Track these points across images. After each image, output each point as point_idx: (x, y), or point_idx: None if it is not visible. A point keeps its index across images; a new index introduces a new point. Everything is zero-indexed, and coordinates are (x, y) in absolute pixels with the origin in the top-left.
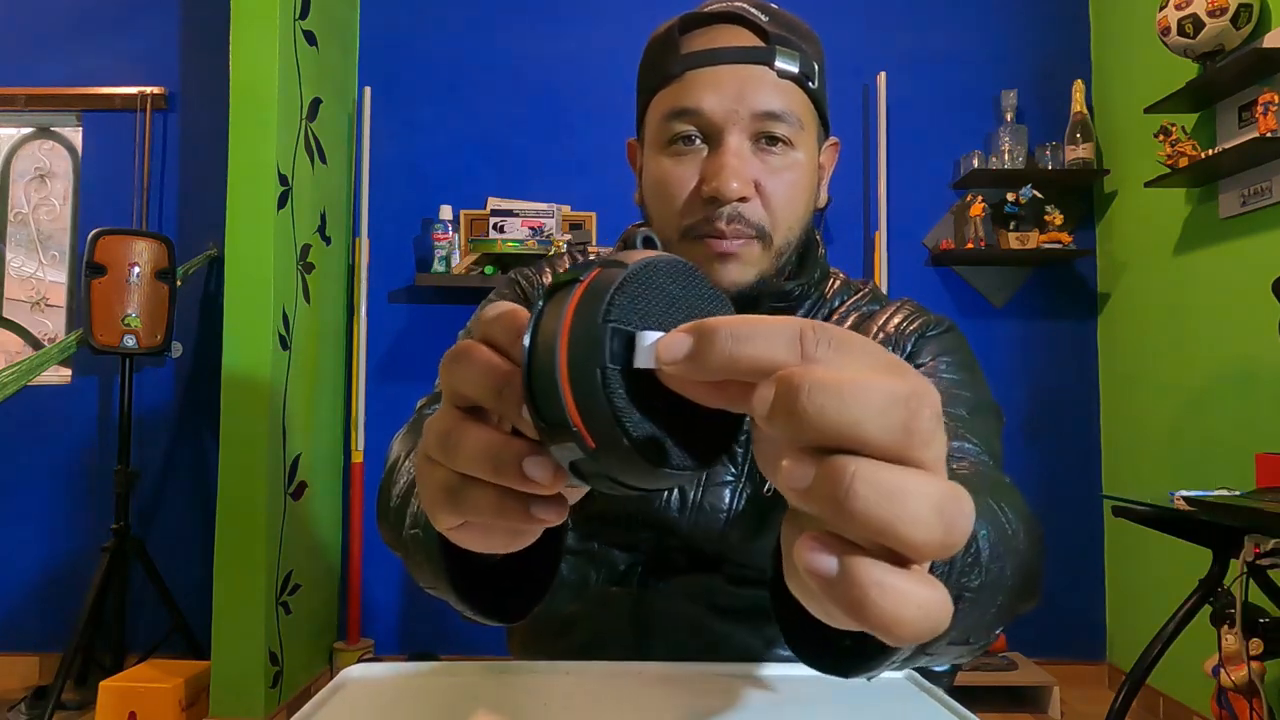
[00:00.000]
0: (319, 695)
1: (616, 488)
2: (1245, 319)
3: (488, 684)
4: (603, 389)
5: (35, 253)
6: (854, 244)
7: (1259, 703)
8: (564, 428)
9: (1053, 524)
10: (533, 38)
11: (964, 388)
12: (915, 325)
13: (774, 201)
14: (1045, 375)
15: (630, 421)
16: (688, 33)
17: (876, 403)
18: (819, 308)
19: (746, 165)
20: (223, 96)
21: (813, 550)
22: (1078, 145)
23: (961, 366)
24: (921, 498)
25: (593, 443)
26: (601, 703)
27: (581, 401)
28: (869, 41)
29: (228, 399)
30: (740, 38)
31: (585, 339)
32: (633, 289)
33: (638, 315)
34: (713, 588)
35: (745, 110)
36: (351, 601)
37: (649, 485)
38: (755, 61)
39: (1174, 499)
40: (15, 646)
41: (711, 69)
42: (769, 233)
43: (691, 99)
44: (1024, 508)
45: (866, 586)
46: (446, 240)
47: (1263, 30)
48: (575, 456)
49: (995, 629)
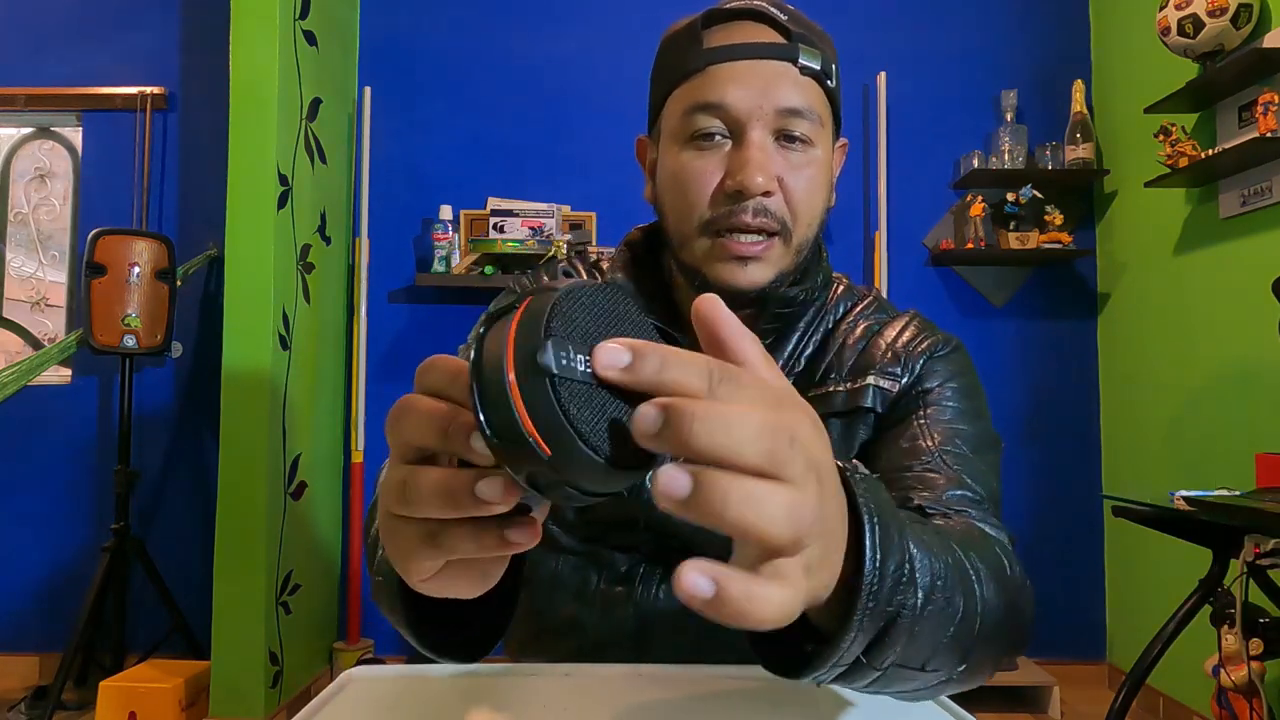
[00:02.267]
0: (322, 694)
1: (574, 496)
2: (1245, 319)
3: (488, 685)
4: (553, 395)
5: (35, 253)
6: (854, 244)
7: (1259, 703)
8: (519, 440)
9: (1053, 524)
10: (533, 38)
11: (969, 420)
12: (924, 345)
13: (795, 197)
14: (1045, 375)
15: (582, 424)
16: (710, 28)
17: (750, 432)
18: (822, 316)
19: (771, 160)
20: (223, 96)
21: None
22: (1078, 145)
23: (967, 394)
24: (776, 504)
25: (548, 449)
26: (602, 705)
27: (534, 410)
28: (869, 41)
29: (228, 399)
30: (763, 34)
31: (530, 353)
32: (567, 307)
33: (575, 330)
34: None
35: (769, 106)
36: (351, 601)
37: (604, 488)
38: (779, 58)
39: (1174, 499)
40: (15, 646)
41: (735, 64)
42: (790, 228)
43: (715, 93)
44: (999, 561)
45: (735, 600)
46: (446, 240)
47: (1263, 30)
48: (533, 468)
49: (963, 665)
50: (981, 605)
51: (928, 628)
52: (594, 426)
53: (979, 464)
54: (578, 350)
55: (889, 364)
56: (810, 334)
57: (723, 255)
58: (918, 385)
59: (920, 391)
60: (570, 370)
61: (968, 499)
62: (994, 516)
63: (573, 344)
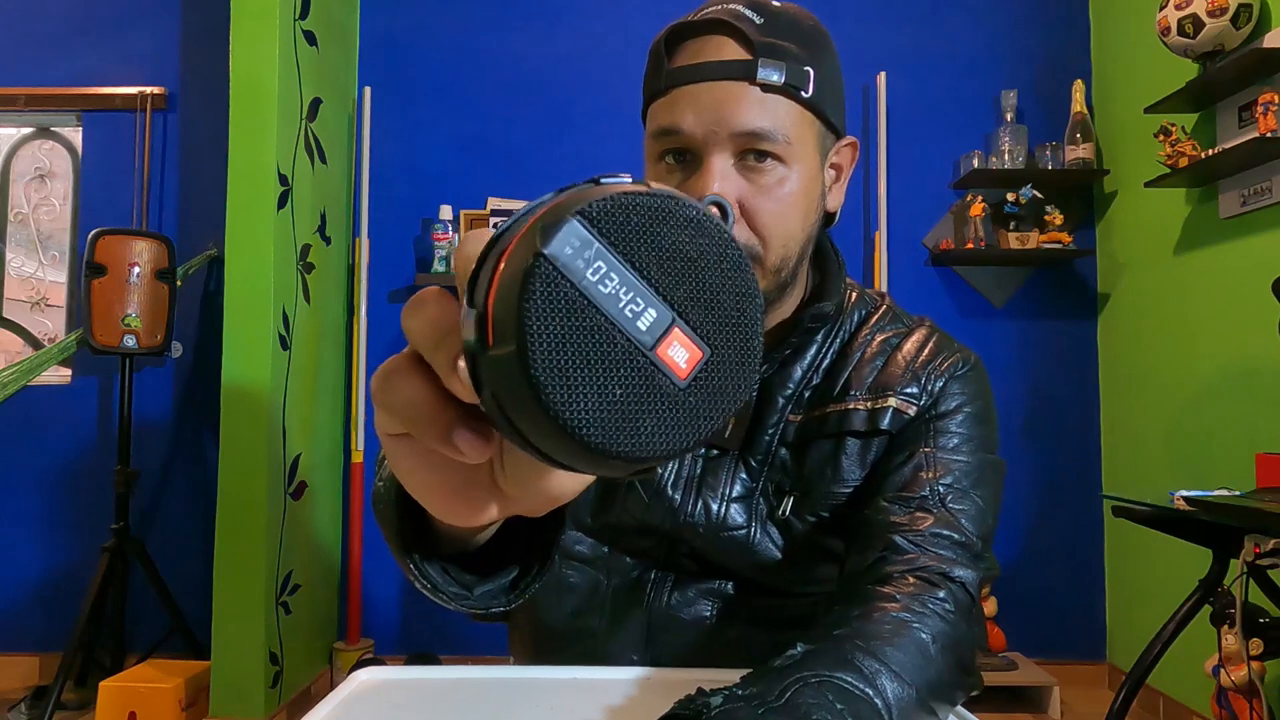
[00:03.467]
0: (331, 695)
1: (500, 423)
2: (1245, 319)
3: (495, 687)
4: (524, 275)
5: (35, 253)
6: (854, 244)
7: (1259, 703)
8: (474, 308)
9: (1053, 524)
10: (533, 38)
11: (975, 450)
12: (945, 365)
13: (760, 219)
14: (1045, 375)
15: (533, 327)
16: (674, 45)
17: None
18: (838, 328)
19: (729, 185)
20: (223, 96)
21: None
22: (1078, 145)
23: (980, 419)
24: None
25: (491, 337)
26: (608, 708)
27: (501, 285)
28: (869, 41)
29: (228, 399)
30: (724, 50)
31: (548, 225)
32: (625, 205)
33: (628, 234)
34: (724, 594)
35: (725, 130)
36: (351, 601)
37: (540, 435)
38: (736, 77)
39: (1174, 499)
40: (15, 646)
41: (695, 86)
42: (759, 253)
43: (672, 118)
44: (923, 634)
45: None
46: (446, 240)
47: (1263, 30)
48: (471, 346)
49: None
50: (883, 703)
51: None
52: (548, 346)
53: (976, 499)
54: (613, 259)
55: (907, 384)
56: (829, 345)
57: None
58: (934, 408)
59: (934, 415)
60: (576, 271)
61: (949, 541)
62: (972, 557)
63: (613, 248)
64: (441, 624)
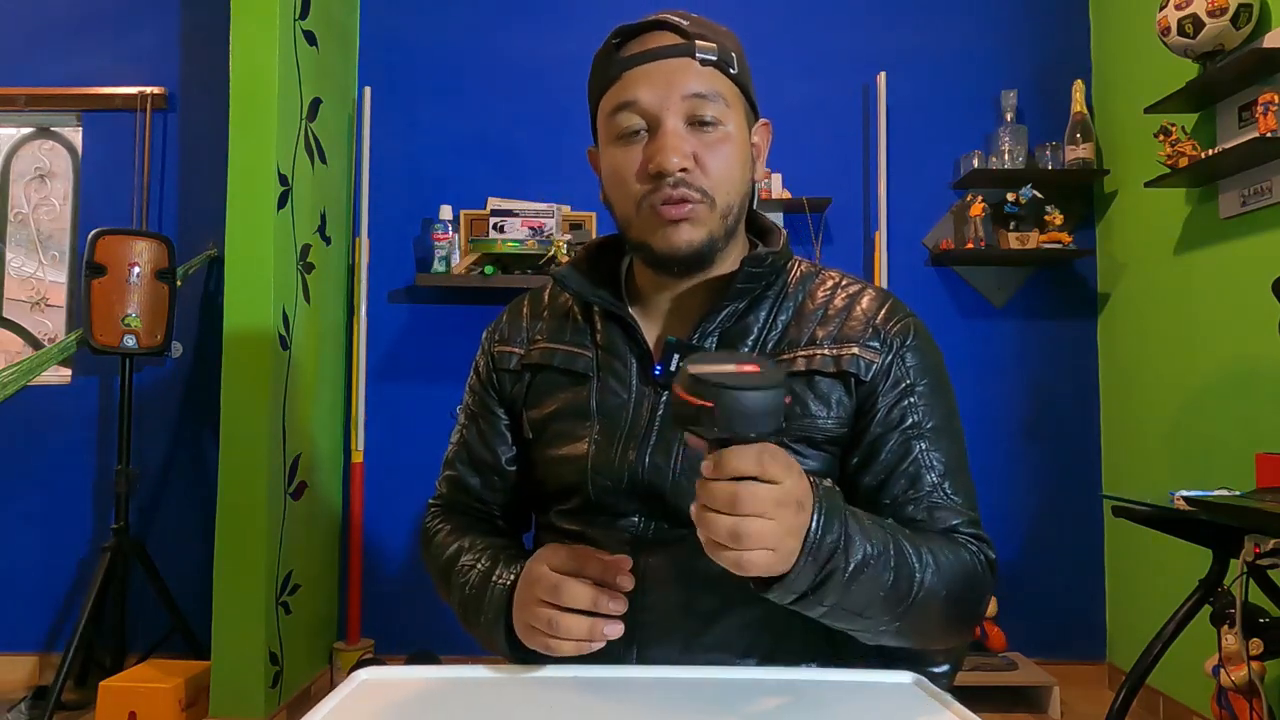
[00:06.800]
0: (332, 693)
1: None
2: (1245, 319)
3: (496, 686)
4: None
5: (35, 253)
6: (854, 244)
7: (1259, 703)
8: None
9: (1053, 524)
10: (533, 38)
11: (945, 416)
12: (896, 326)
13: (712, 169)
14: (1045, 375)
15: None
16: (622, 42)
17: None
18: (790, 289)
19: (684, 142)
20: (223, 96)
21: None
22: (1078, 145)
23: (941, 389)
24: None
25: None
26: (608, 707)
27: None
28: (869, 41)
29: (228, 399)
30: (666, 39)
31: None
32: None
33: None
34: (698, 548)
35: (675, 95)
36: (351, 601)
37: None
38: (679, 55)
39: (1174, 499)
40: (15, 646)
41: (645, 66)
42: (712, 195)
43: (630, 93)
44: (961, 562)
45: None
46: (446, 240)
47: (1263, 30)
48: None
49: (898, 623)
50: (918, 584)
51: (860, 587)
52: None
53: (965, 478)
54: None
55: (870, 338)
56: (780, 303)
57: (658, 222)
58: (896, 364)
59: (905, 388)
60: None
61: (967, 522)
62: (983, 539)
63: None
64: (441, 624)
